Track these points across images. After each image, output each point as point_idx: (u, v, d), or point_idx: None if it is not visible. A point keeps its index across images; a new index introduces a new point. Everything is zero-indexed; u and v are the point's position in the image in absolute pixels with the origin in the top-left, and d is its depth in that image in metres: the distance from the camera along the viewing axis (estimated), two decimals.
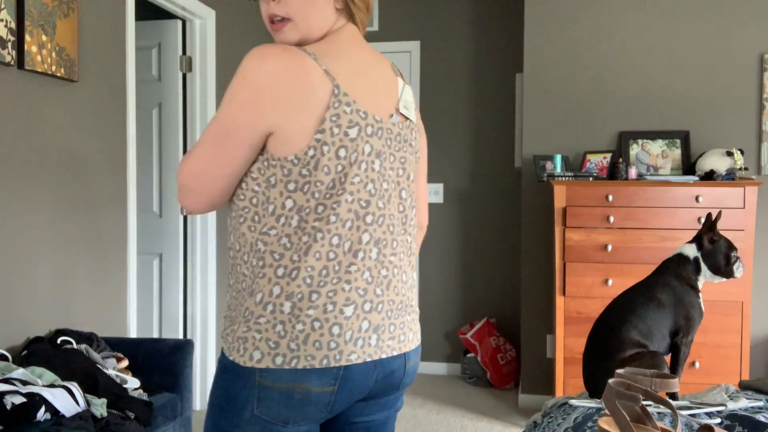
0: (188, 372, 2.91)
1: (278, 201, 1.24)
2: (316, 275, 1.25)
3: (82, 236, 3.08)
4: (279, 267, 1.25)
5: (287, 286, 1.25)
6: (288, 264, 1.25)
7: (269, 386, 1.24)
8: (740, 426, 1.83)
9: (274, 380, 1.24)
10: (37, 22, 2.73)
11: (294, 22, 1.29)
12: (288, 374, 1.24)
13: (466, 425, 3.90)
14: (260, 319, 1.25)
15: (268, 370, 1.24)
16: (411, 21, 5.01)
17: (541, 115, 4.15)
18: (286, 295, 1.24)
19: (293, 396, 1.25)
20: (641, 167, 3.96)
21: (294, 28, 1.30)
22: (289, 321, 1.24)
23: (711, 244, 2.45)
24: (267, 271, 1.26)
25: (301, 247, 1.25)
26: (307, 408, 1.26)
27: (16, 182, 2.71)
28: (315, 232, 1.25)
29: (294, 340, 1.23)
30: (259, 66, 1.20)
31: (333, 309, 1.25)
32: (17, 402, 2.05)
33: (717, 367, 3.54)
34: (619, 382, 1.26)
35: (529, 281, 4.23)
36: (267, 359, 1.24)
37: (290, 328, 1.24)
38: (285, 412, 1.25)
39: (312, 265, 1.25)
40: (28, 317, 2.77)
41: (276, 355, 1.23)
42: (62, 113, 2.96)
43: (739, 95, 3.95)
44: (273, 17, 1.30)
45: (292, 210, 1.24)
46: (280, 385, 1.24)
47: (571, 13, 4.13)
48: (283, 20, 1.30)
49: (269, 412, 1.25)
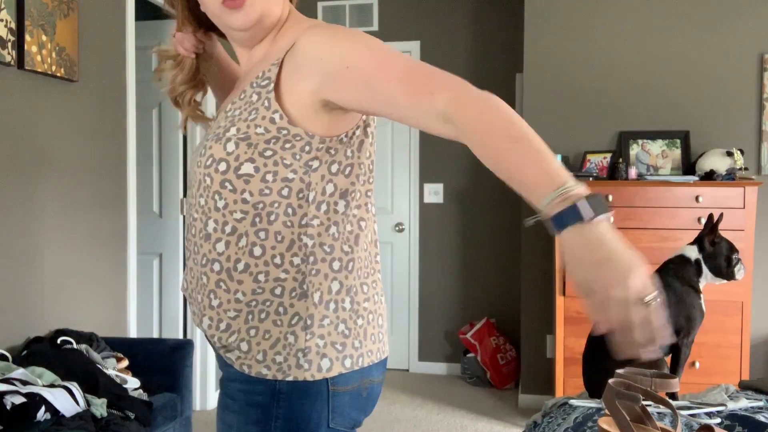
0: (188, 372, 2.91)
1: (319, 186, 1.13)
2: (363, 266, 1.19)
3: (82, 236, 3.08)
4: (334, 261, 1.15)
5: (345, 279, 1.16)
6: (342, 256, 1.16)
7: (341, 392, 1.15)
8: (740, 426, 1.83)
9: (345, 384, 1.15)
10: (37, 22, 2.73)
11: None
12: (356, 374, 1.17)
13: (466, 425, 3.90)
14: (324, 321, 1.13)
15: (340, 376, 1.14)
16: (411, 21, 5.01)
17: (541, 115, 4.15)
18: (345, 289, 1.16)
19: (361, 394, 1.18)
20: (641, 167, 3.96)
21: (255, 5, 1.15)
22: (350, 318, 1.16)
23: (712, 246, 2.45)
24: (320, 266, 1.14)
25: (350, 237, 1.17)
26: (369, 404, 1.21)
27: (16, 182, 2.71)
28: (357, 220, 1.18)
29: (357, 336, 1.17)
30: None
31: (377, 300, 1.22)
32: (17, 402, 2.05)
33: (717, 367, 3.54)
34: (619, 382, 1.26)
35: (529, 281, 4.23)
36: (337, 365, 1.14)
37: (352, 324, 1.16)
38: (354, 414, 1.18)
39: (360, 255, 1.18)
40: (28, 317, 2.77)
41: (344, 357, 1.15)
42: (62, 113, 2.96)
43: (739, 95, 3.95)
44: None
45: (334, 195, 1.14)
46: (349, 387, 1.16)
47: (571, 13, 4.13)
48: None
49: (343, 421, 1.17)
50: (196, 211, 1.15)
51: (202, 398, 4.15)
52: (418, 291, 5.04)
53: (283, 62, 1.13)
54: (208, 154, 1.12)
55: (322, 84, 1.09)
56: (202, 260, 1.15)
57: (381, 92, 1.04)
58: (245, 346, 1.13)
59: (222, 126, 1.14)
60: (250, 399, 1.14)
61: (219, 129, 1.14)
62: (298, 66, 1.11)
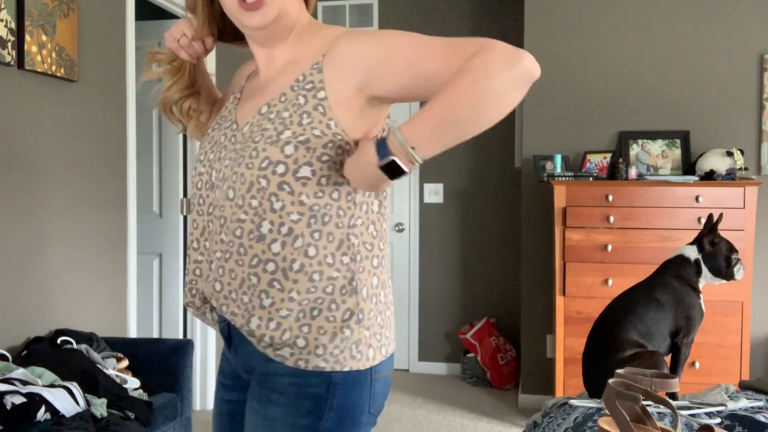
0: (188, 372, 2.91)
1: None
2: (388, 261, 1.28)
3: (82, 236, 3.08)
4: (373, 258, 1.22)
5: (381, 275, 1.24)
6: (378, 253, 1.24)
7: (378, 379, 1.23)
8: (740, 426, 1.83)
9: (381, 372, 1.24)
10: (37, 22, 2.73)
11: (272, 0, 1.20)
12: (387, 362, 1.25)
13: (466, 425, 3.90)
14: (370, 314, 1.21)
15: (379, 364, 1.23)
16: (411, 21, 5.00)
17: (541, 115, 4.15)
18: (381, 284, 1.24)
19: (388, 381, 1.27)
20: (641, 167, 3.96)
21: (272, 5, 1.20)
22: (384, 310, 1.24)
23: (712, 247, 2.45)
24: (365, 264, 1.21)
25: (383, 235, 1.25)
26: (388, 392, 1.28)
27: (16, 182, 2.71)
28: (384, 218, 1.26)
29: (388, 327, 1.25)
30: None
31: (390, 292, 1.30)
32: (17, 402, 2.05)
33: (717, 367, 3.54)
34: (619, 382, 1.26)
35: (529, 281, 4.23)
36: (378, 354, 1.22)
37: (384, 316, 1.24)
38: (383, 401, 1.26)
39: (387, 251, 1.27)
40: (28, 317, 2.77)
41: (381, 346, 1.23)
42: (62, 113, 2.96)
43: (739, 95, 3.95)
44: None
45: (371, 195, 1.22)
46: (383, 375, 1.25)
47: (571, 13, 4.13)
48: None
49: (377, 407, 1.25)
50: (244, 212, 1.16)
51: (202, 398, 4.14)
52: (418, 291, 5.04)
53: (323, 67, 1.18)
54: (262, 156, 1.15)
55: (366, 78, 1.15)
56: (251, 261, 1.17)
57: (424, 71, 1.11)
58: (302, 342, 1.17)
59: (269, 128, 1.17)
60: (303, 391, 1.18)
61: (265, 131, 1.17)
62: (341, 68, 1.17)
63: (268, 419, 1.20)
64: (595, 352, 2.38)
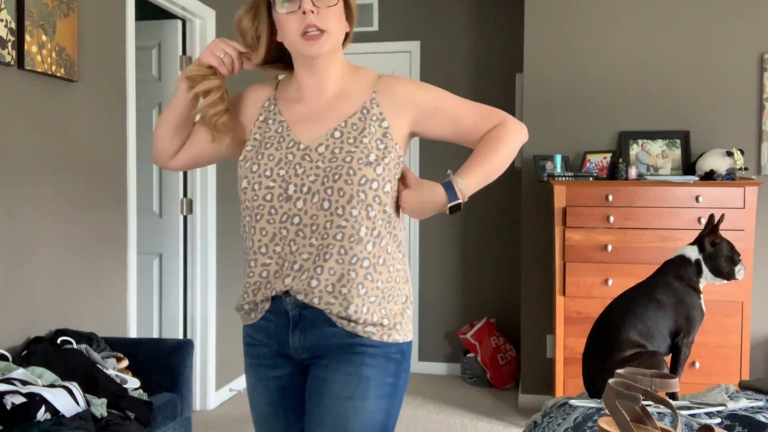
0: (188, 372, 2.91)
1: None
2: None
3: (82, 236, 3.08)
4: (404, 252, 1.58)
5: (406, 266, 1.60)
6: (404, 249, 1.59)
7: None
8: (740, 426, 1.83)
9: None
10: (37, 22, 2.73)
11: (329, 33, 1.46)
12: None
13: (466, 425, 3.90)
14: (410, 297, 1.57)
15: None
16: (411, 21, 5.01)
17: (541, 115, 4.15)
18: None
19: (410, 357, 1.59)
20: (641, 167, 3.96)
21: (329, 39, 1.47)
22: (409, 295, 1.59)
23: (713, 247, 2.45)
24: (405, 258, 1.59)
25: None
26: None
27: (16, 182, 2.71)
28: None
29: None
30: None
31: None
32: (17, 402, 2.05)
33: (717, 367, 3.54)
34: (619, 382, 1.26)
35: (529, 281, 4.23)
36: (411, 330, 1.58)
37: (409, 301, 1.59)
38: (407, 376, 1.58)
39: None
40: (28, 317, 2.77)
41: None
42: (62, 113, 2.96)
43: (739, 95, 3.95)
44: (309, 28, 1.44)
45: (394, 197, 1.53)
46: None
47: (571, 14, 4.13)
48: (320, 32, 1.45)
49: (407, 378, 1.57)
50: (345, 220, 1.44)
51: (202, 398, 4.14)
52: (418, 291, 5.03)
53: (380, 102, 1.52)
54: (359, 174, 1.44)
55: (417, 119, 1.54)
56: (351, 259, 1.46)
57: (461, 126, 1.57)
58: (386, 321, 1.49)
59: (356, 151, 1.46)
60: (387, 357, 1.50)
61: (353, 153, 1.46)
62: (397, 105, 1.52)
63: (363, 378, 1.48)
64: (595, 352, 2.38)
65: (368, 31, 5.03)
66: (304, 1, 1.44)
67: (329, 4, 1.46)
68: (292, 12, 1.45)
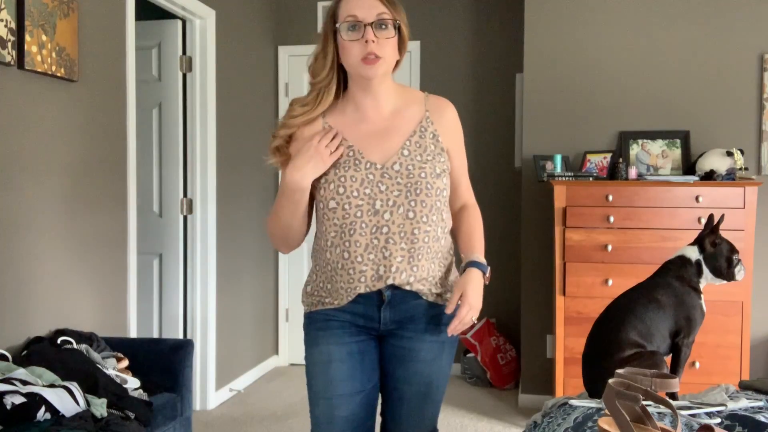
0: (188, 372, 2.91)
1: None
2: None
3: (82, 236, 3.08)
4: None
5: None
6: None
7: None
8: (740, 426, 1.83)
9: None
10: (37, 22, 2.73)
11: (384, 60, 1.71)
12: None
13: (466, 425, 3.90)
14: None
15: None
16: (411, 21, 4.95)
17: (541, 115, 4.15)
18: None
19: None
20: (641, 167, 3.96)
21: (384, 64, 1.72)
22: None
23: (713, 247, 2.44)
24: None
25: None
26: None
27: (16, 182, 2.71)
28: None
29: None
30: None
31: None
32: (17, 402, 2.05)
33: (717, 367, 3.54)
34: (619, 382, 1.26)
35: (529, 281, 4.22)
36: None
37: None
38: None
39: None
40: (28, 317, 2.77)
41: None
42: (62, 113, 2.96)
43: (739, 95, 3.95)
44: (370, 54, 1.68)
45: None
46: None
47: (571, 14, 4.13)
48: (377, 58, 1.69)
49: None
50: (429, 225, 1.75)
51: (202, 398, 4.14)
52: None
53: (433, 121, 1.81)
54: (435, 187, 1.75)
55: (450, 149, 1.83)
56: (435, 255, 1.79)
57: (455, 177, 1.87)
58: (448, 295, 1.85)
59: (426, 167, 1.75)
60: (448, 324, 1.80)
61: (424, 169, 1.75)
62: (445, 129, 1.83)
63: (440, 342, 1.84)
64: (595, 352, 2.38)
65: None
66: (367, 32, 1.69)
67: (388, 36, 1.71)
68: (356, 40, 1.70)
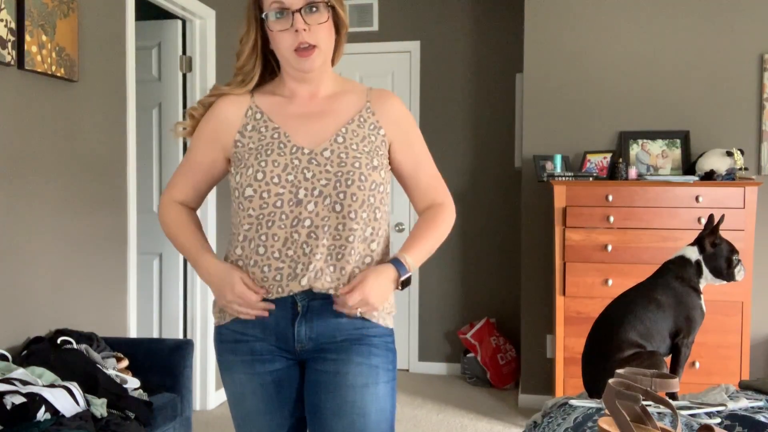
0: (188, 372, 2.91)
1: None
2: None
3: (82, 236, 3.08)
4: None
5: None
6: None
7: None
8: (740, 426, 1.83)
9: None
10: (37, 22, 2.73)
11: (320, 48, 1.53)
12: None
13: (466, 425, 3.90)
14: None
15: None
16: (411, 21, 5.00)
17: (541, 115, 4.15)
18: None
19: None
20: (641, 167, 3.96)
21: (320, 53, 1.53)
22: None
23: (713, 248, 2.44)
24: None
25: None
26: None
27: (16, 182, 2.71)
28: None
29: None
30: None
31: None
32: (17, 402, 2.05)
33: (717, 367, 3.54)
34: (619, 382, 1.26)
35: (529, 281, 4.23)
36: None
37: None
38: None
39: None
40: (28, 317, 2.77)
41: None
42: (62, 113, 2.96)
43: (739, 95, 3.95)
44: (302, 44, 1.50)
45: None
46: None
47: (571, 14, 4.13)
48: (311, 47, 1.51)
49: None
50: (356, 223, 1.50)
51: (202, 398, 4.14)
52: (418, 291, 5.03)
53: (375, 111, 1.59)
54: (370, 180, 1.51)
55: (396, 139, 1.61)
56: (363, 259, 1.54)
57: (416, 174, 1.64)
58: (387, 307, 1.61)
59: (361, 157, 1.52)
60: (387, 347, 1.59)
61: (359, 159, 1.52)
62: (389, 120, 1.60)
63: (371, 366, 1.54)
64: (595, 353, 2.38)
65: (368, 31, 5.03)
66: (296, 20, 1.49)
67: (320, 21, 1.52)
68: (285, 30, 1.51)
